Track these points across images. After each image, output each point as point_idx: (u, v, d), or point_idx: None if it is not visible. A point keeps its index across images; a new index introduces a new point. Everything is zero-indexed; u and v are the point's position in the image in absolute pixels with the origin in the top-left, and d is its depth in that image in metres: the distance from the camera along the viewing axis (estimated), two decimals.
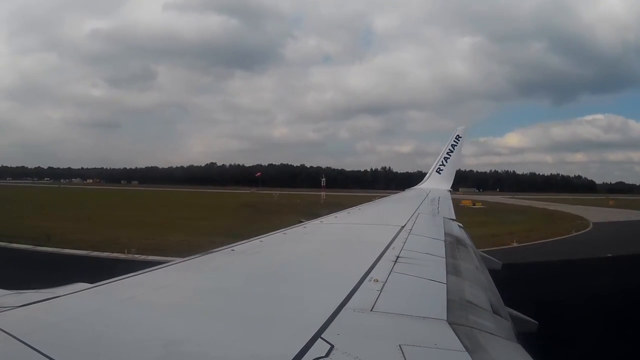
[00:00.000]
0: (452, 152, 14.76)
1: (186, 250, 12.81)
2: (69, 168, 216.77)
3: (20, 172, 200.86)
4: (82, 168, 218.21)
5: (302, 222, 5.61)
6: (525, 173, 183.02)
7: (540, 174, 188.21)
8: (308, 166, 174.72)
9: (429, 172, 15.24)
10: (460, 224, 6.39)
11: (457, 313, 2.11)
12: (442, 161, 14.78)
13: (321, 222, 5.67)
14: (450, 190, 13.65)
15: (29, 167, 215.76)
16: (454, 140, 14.77)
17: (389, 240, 3.89)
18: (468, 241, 5.06)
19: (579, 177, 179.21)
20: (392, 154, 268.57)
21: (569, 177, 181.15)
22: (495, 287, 3.28)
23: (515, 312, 3.05)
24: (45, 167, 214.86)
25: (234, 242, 3.68)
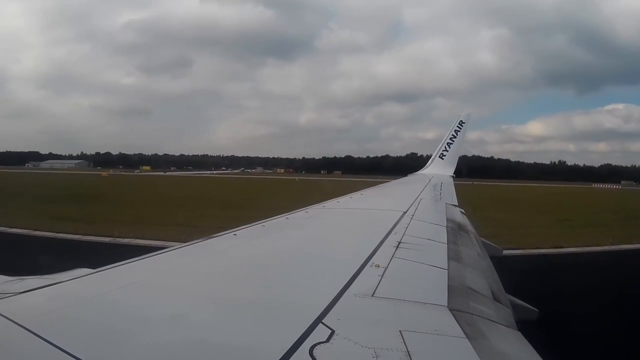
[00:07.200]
0: (455, 137, 14.66)
1: None
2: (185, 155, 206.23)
3: (155, 160, 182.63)
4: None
5: None
6: None
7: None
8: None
9: (432, 157, 15.17)
10: (462, 210, 6.37)
11: (457, 299, 2.11)
12: (445, 146, 14.69)
13: (324, 207, 5.68)
14: (453, 176, 13.59)
15: (147, 154, 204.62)
16: (458, 126, 14.65)
17: (391, 226, 3.89)
18: (470, 227, 5.05)
19: None
20: (417, 140, 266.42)
21: None
22: (496, 273, 3.29)
23: (515, 300, 3.06)
24: (161, 154, 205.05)
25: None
